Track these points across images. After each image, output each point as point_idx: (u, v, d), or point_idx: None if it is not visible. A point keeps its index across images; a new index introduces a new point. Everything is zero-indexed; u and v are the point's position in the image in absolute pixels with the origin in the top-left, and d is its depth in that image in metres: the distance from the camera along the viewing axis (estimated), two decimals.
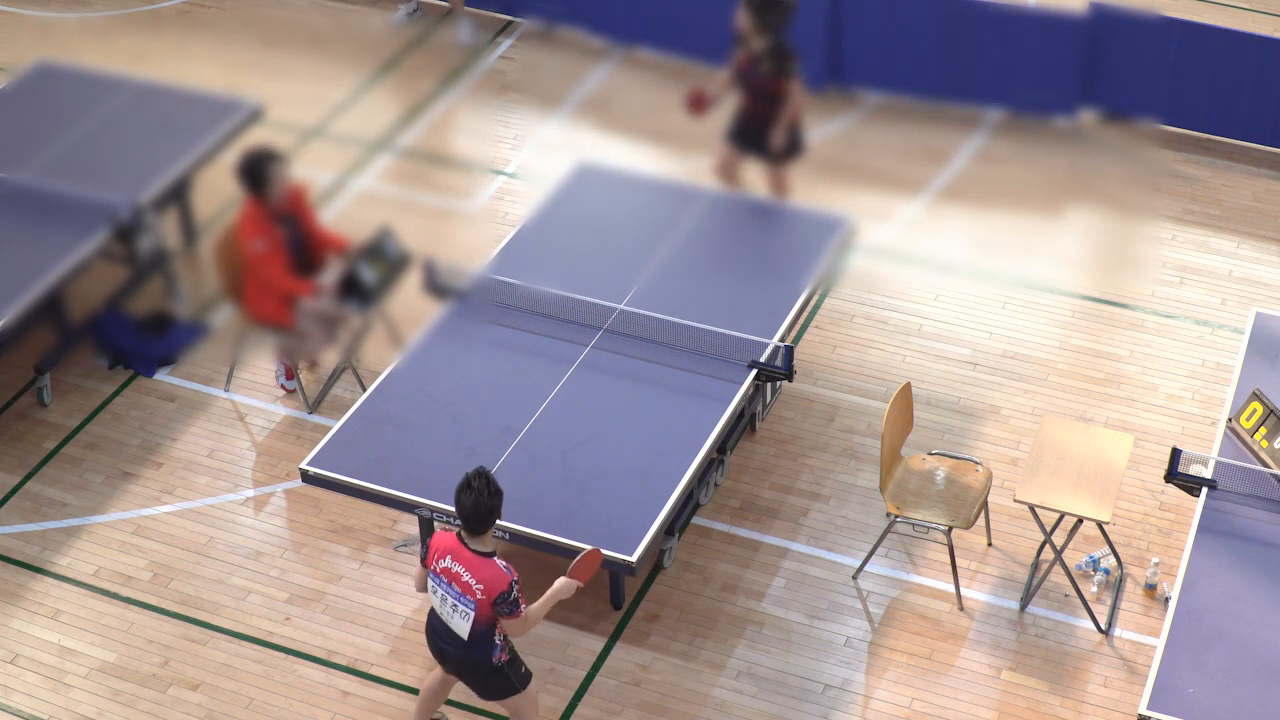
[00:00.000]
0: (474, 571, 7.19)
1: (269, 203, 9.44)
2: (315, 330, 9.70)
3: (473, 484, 7.15)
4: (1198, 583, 7.92)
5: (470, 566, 7.20)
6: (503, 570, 7.19)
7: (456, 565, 7.22)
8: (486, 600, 7.18)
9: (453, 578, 7.23)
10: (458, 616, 7.26)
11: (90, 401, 10.17)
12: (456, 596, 7.22)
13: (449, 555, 7.26)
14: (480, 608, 7.20)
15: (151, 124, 11.08)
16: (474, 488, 7.15)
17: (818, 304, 10.86)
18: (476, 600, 7.18)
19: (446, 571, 7.25)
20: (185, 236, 11.24)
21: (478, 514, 7.16)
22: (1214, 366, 10.35)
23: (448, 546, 7.29)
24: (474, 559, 7.20)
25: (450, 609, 7.28)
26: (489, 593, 7.17)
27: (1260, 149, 12.22)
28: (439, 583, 7.30)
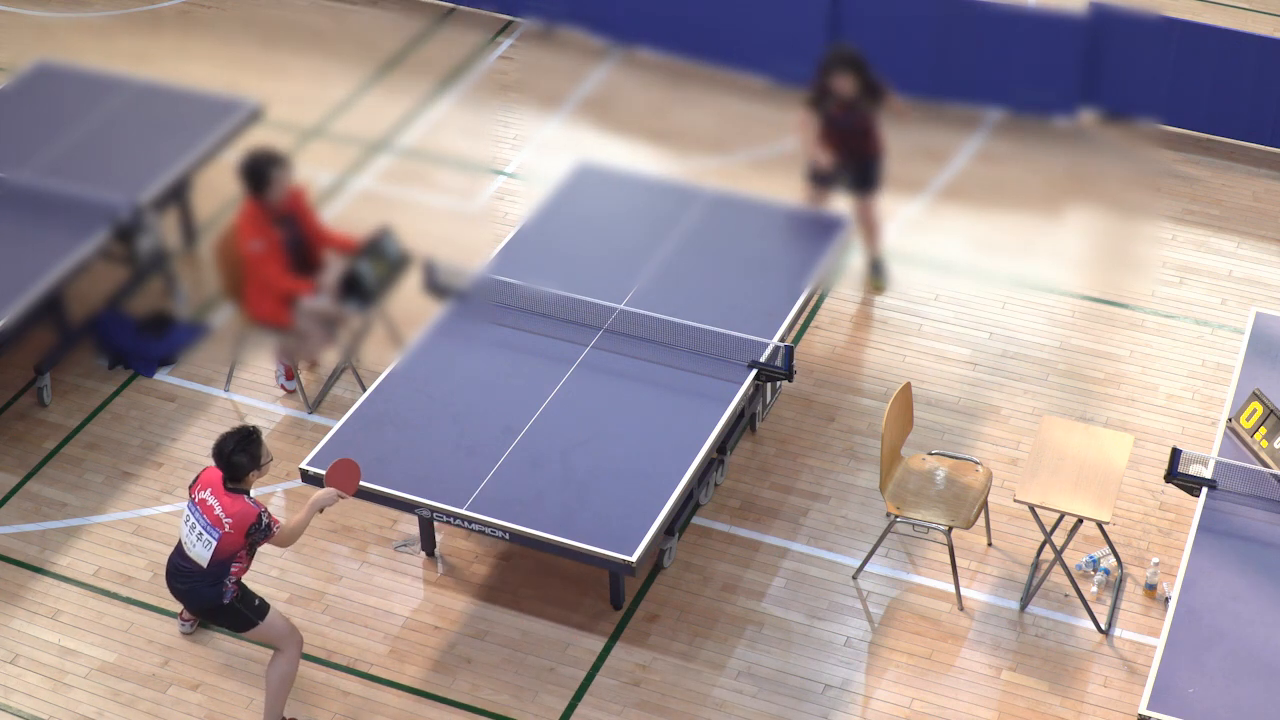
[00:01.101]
0: (225, 506, 7.75)
1: (268, 203, 9.45)
2: (315, 330, 9.71)
3: (228, 437, 7.77)
4: (1198, 583, 7.92)
5: (222, 501, 7.77)
6: (251, 505, 7.78)
7: (212, 498, 7.78)
8: (235, 533, 7.73)
9: (206, 509, 7.79)
10: (200, 545, 7.77)
11: (90, 401, 10.17)
12: (205, 526, 7.76)
13: (209, 489, 7.82)
14: (224, 539, 7.73)
15: (151, 124, 11.08)
16: (226, 440, 7.77)
17: (818, 304, 10.86)
18: (223, 531, 7.72)
19: (202, 504, 7.81)
20: (185, 236, 11.24)
21: (225, 465, 7.78)
22: (1214, 366, 10.35)
23: (210, 482, 7.85)
24: (226, 495, 7.78)
25: (196, 537, 7.79)
26: (237, 526, 7.72)
27: (1260, 149, 12.22)
28: (192, 511, 7.84)
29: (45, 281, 9.79)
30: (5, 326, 9.54)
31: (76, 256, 9.97)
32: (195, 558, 7.81)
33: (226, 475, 7.81)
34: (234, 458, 7.74)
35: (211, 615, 8.02)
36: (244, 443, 7.76)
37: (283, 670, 8.09)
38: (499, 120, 12.66)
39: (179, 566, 7.95)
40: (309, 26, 13.68)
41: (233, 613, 7.95)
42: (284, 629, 8.09)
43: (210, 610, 7.97)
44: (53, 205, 10.28)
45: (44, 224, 10.16)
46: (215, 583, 7.85)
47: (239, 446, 7.75)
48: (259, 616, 7.99)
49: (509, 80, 13.10)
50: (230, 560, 7.80)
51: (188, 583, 7.92)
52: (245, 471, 7.79)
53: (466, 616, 8.85)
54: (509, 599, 8.93)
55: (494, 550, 9.20)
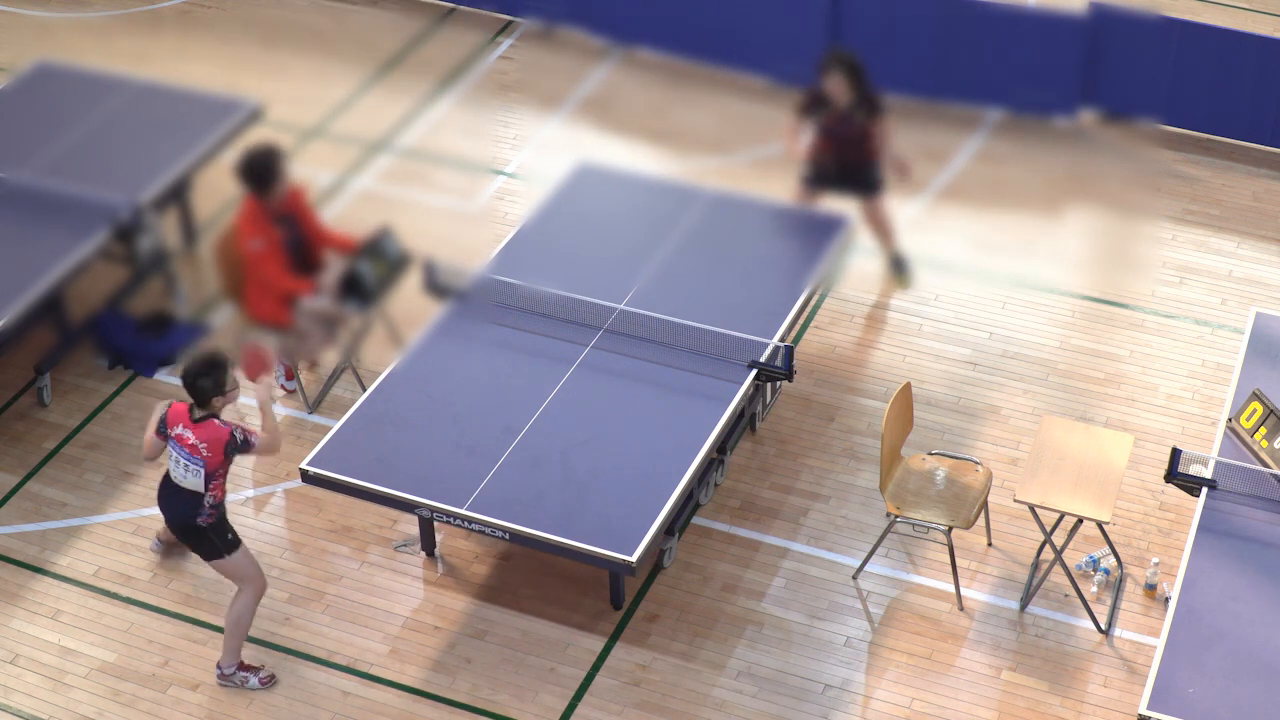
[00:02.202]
0: (197, 434, 7.96)
1: (268, 202, 9.45)
2: (315, 330, 9.71)
3: (191, 363, 7.99)
4: (1198, 583, 7.92)
5: (195, 430, 7.97)
6: (221, 426, 7.98)
7: (185, 431, 7.99)
8: (214, 455, 7.95)
9: (183, 442, 7.99)
10: (190, 475, 7.99)
11: (90, 401, 10.17)
12: (187, 458, 7.98)
13: (180, 424, 8.03)
14: (209, 463, 7.96)
15: (151, 124, 11.08)
16: (190, 366, 7.98)
17: (818, 304, 10.86)
18: (203, 457, 7.95)
19: (179, 438, 8.01)
20: (185, 236, 11.24)
21: (191, 391, 7.99)
22: (1214, 366, 10.35)
23: (179, 415, 8.05)
24: (196, 425, 7.98)
25: (184, 470, 8.00)
26: (214, 449, 7.95)
27: (1260, 149, 12.22)
28: (173, 447, 8.04)
29: (45, 281, 9.79)
30: (5, 326, 9.55)
31: (76, 256, 9.97)
32: (191, 488, 8.03)
33: (194, 401, 8.00)
34: (199, 381, 7.92)
35: (184, 534, 8.22)
36: (208, 368, 7.94)
37: (240, 608, 8.31)
38: (499, 120, 12.66)
39: (165, 483, 8.20)
40: (309, 26, 13.68)
41: (204, 538, 8.17)
42: (250, 569, 8.32)
43: (183, 529, 8.19)
44: (53, 205, 10.28)
45: (44, 224, 10.16)
46: (193, 503, 8.08)
47: (203, 372, 7.93)
48: (227, 550, 8.21)
49: (509, 80, 13.10)
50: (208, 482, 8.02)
51: (167, 499, 8.20)
52: (209, 396, 7.96)
53: (466, 616, 8.85)
54: (509, 599, 8.93)
55: (494, 550, 9.21)
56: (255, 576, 8.34)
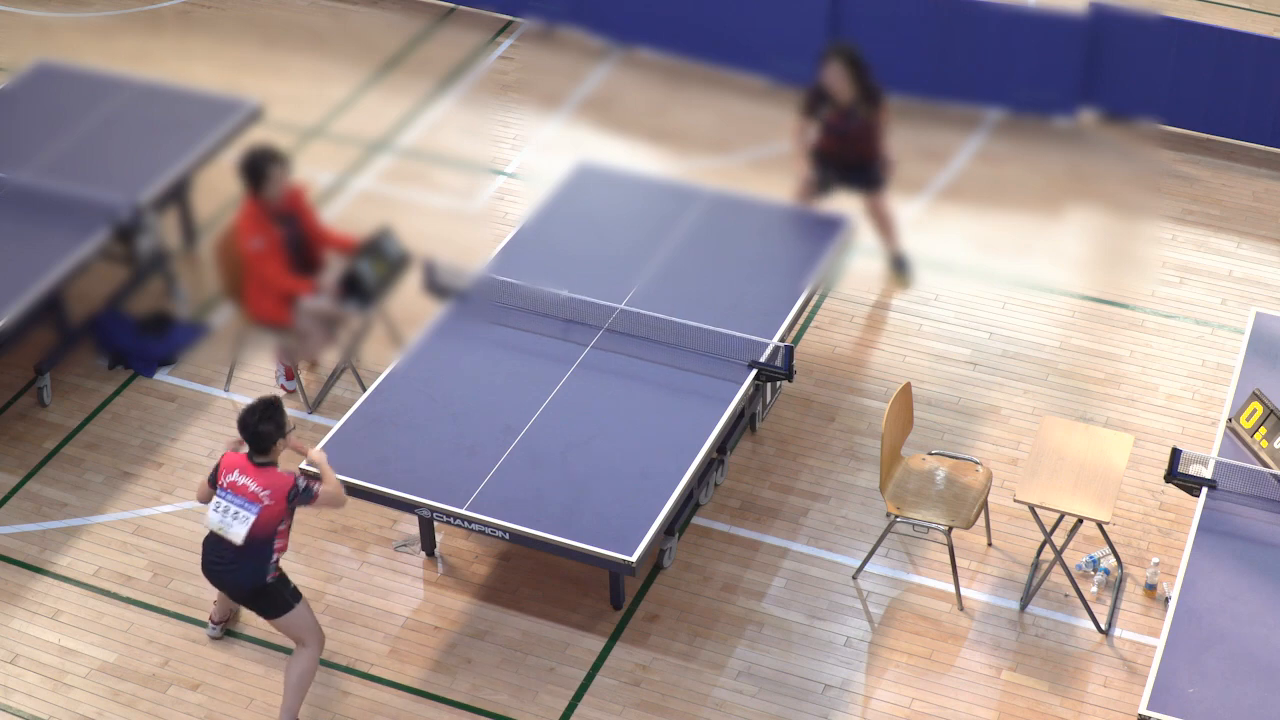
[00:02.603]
0: (259, 480, 7.82)
1: (267, 201, 9.45)
2: (315, 330, 9.71)
3: (252, 409, 7.82)
4: (1198, 583, 7.92)
5: (255, 477, 7.83)
6: (284, 474, 7.85)
7: (243, 478, 7.83)
8: (277, 503, 7.79)
9: (239, 490, 7.83)
10: (237, 523, 7.79)
11: (90, 401, 10.17)
12: (240, 504, 7.80)
13: (236, 470, 7.87)
14: (264, 513, 7.78)
15: (151, 124, 11.08)
16: (251, 413, 7.81)
17: (818, 304, 10.86)
18: (262, 505, 7.78)
19: (233, 485, 7.84)
20: (185, 236, 11.24)
21: (252, 438, 7.83)
22: (1214, 366, 10.35)
23: (235, 464, 7.90)
24: (258, 470, 7.84)
25: (231, 518, 7.79)
26: (277, 496, 7.80)
27: (1260, 149, 12.22)
28: (224, 495, 7.85)
29: (45, 281, 9.79)
30: (5, 326, 9.54)
31: (76, 256, 9.97)
32: (231, 537, 7.82)
33: (254, 448, 7.84)
34: (260, 428, 7.77)
35: (252, 596, 8.01)
36: (269, 411, 7.81)
37: (303, 667, 8.13)
38: (499, 120, 12.66)
39: (219, 552, 7.95)
40: (309, 26, 13.68)
41: (273, 594, 8.00)
42: (312, 623, 8.15)
43: (252, 590, 7.98)
44: (53, 205, 10.28)
45: (44, 224, 10.16)
46: (260, 560, 7.89)
47: (264, 416, 7.79)
48: (295, 601, 8.05)
49: (509, 80, 13.10)
50: (273, 535, 7.85)
51: (231, 565, 7.93)
52: (272, 441, 7.82)
53: (466, 616, 8.85)
54: (509, 599, 8.93)
55: (494, 550, 9.21)
56: (317, 630, 8.17)
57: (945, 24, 12.40)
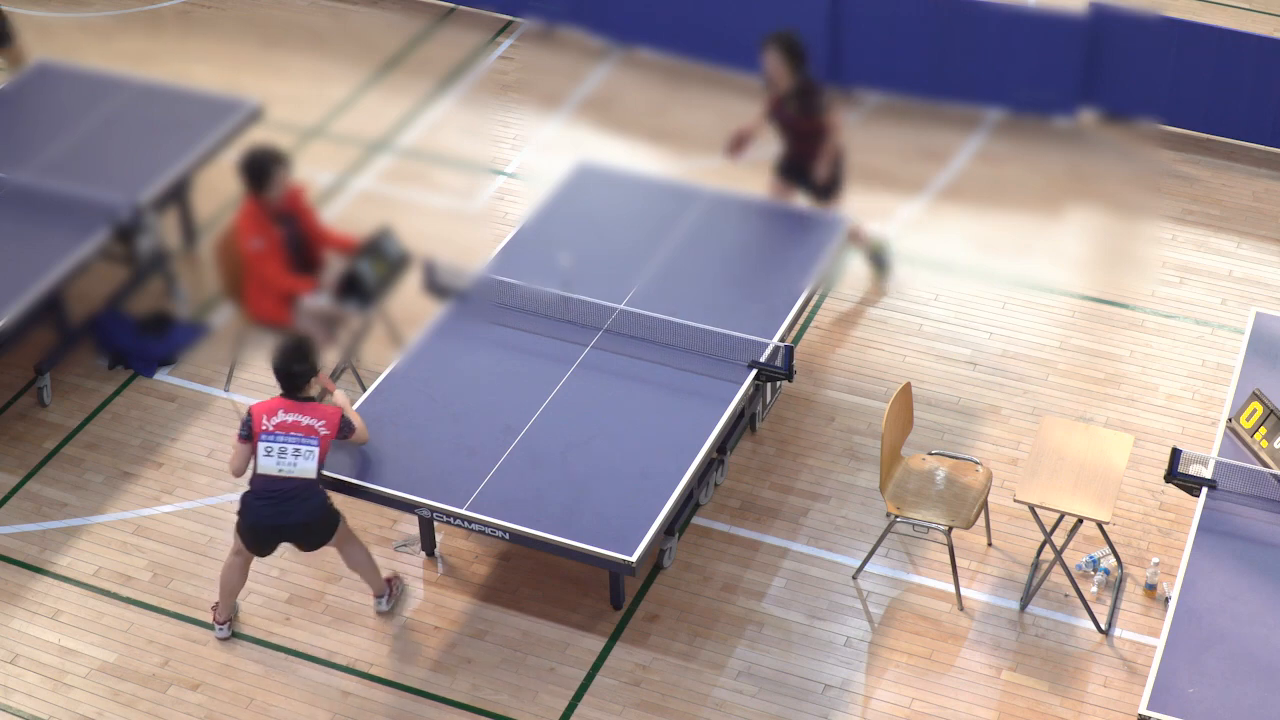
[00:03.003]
0: (311, 414, 7.97)
1: (268, 201, 9.45)
2: (315, 330, 9.70)
3: (282, 352, 8.02)
4: (1198, 583, 7.92)
5: (305, 411, 7.98)
6: (330, 406, 8.10)
7: (291, 416, 7.92)
8: (330, 434, 8.02)
9: (291, 427, 7.92)
10: (302, 459, 7.92)
11: (90, 401, 10.17)
12: (298, 441, 7.91)
13: (279, 411, 7.95)
14: (323, 443, 8.00)
15: (151, 124, 11.08)
16: (283, 354, 8.02)
17: (818, 304, 10.86)
18: (320, 436, 7.97)
19: (282, 425, 7.92)
20: (185, 236, 11.24)
21: (288, 377, 8.00)
22: (1214, 366, 10.35)
23: (275, 407, 7.98)
24: (304, 405, 7.99)
25: (294, 456, 7.91)
26: (331, 425, 8.01)
27: (1260, 149, 12.22)
28: (275, 439, 7.92)
29: (45, 281, 9.79)
30: (5, 326, 9.54)
31: (76, 256, 9.97)
32: (302, 473, 7.97)
33: (291, 388, 8.02)
34: (295, 367, 7.97)
35: (319, 529, 8.22)
36: (301, 350, 8.01)
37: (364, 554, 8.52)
38: (499, 120, 12.66)
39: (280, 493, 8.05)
40: (309, 26, 13.68)
41: (331, 514, 8.28)
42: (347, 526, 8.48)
43: (320, 522, 8.20)
44: (53, 205, 10.28)
45: (44, 224, 10.16)
46: (318, 490, 8.13)
47: (298, 356, 8.00)
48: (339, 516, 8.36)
49: (509, 80, 13.10)
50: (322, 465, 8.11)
51: (296, 503, 8.07)
52: (307, 379, 8.03)
53: (466, 616, 8.85)
54: (509, 599, 8.93)
55: (494, 550, 9.21)
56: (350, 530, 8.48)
57: (945, 24, 12.40)
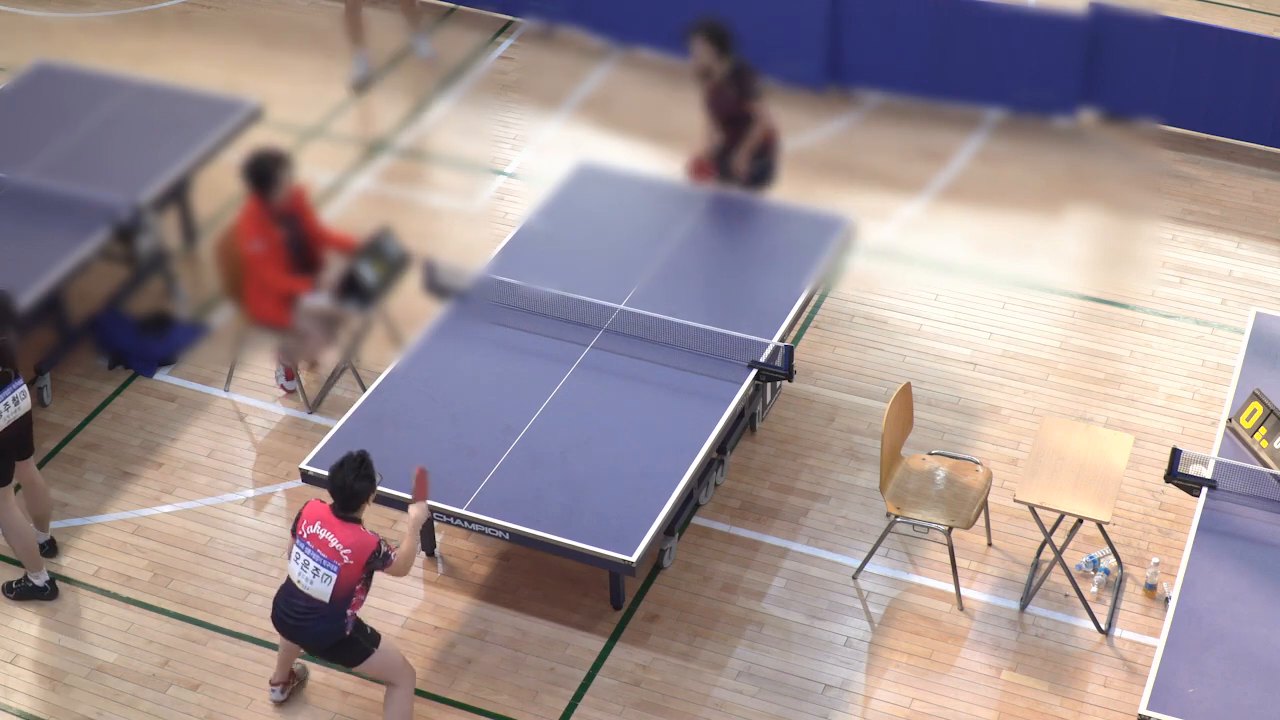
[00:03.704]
0: (341, 537, 7.54)
1: (270, 203, 9.45)
2: (315, 330, 9.71)
3: (345, 464, 7.56)
4: (1198, 583, 7.92)
5: (337, 532, 7.54)
6: (368, 534, 7.59)
7: (324, 531, 7.55)
8: (355, 565, 7.53)
9: (319, 544, 7.55)
10: (319, 581, 7.56)
11: (90, 401, 10.17)
12: (320, 561, 7.54)
13: (318, 522, 7.59)
14: (344, 571, 7.52)
15: (151, 124, 11.08)
16: (344, 468, 7.55)
17: (818, 304, 10.86)
18: (341, 564, 7.52)
19: (314, 538, 7.57)
20: (185, 236, 11.24)
21: (343, 493, 7.55)
22: (1214, 366, 10.35)
23: (318, 515, 7.61)
24: (341, 525, 7.56)
25: (312, 574, 7.57)
26: (357, 557, 7.53)
27: (1260, 149, 12.22)
28: (304, 548, 7.59)
29: (45, 281, 9.79)
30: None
31: (76, 256, 9.97)
32: (315, 595, 7.58)
33: (342, 504, 7.55)
34: (357, 485, 7.49)
35: (331, 650, 7.77)
36: (363, 468, 7.52)
37: (401, 707, 7.91)
38: (499, 120, 12.66)
39: (292, 605, 7.71)
40: (309, 26, 13.67)
41: (352, 645, 7.74)
42: (398, 660, 7.92)
43: (330, 646, 7.73)
44: (53, 205, 10.28)
45: (44, 224, 10.16)
46: (337, 617, 7.64)
47: (360, 473, 7.50)
48: (374, 645, 7.79)
49: (509, 80, 13.10)
50: (350, 594, 7.60)
51: (305, 620, 7.70)
52: (365, 498, 7.56)
53: (466, 616, 8.85)
54: (509, 599, 8.93)
55: (494, 550, 9.21)
56: (405, 667, 7.93)
57: (945, 24, 12.40)
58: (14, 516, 8.64)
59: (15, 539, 8.69)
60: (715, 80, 10.34)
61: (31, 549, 8.76)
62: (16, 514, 8.66)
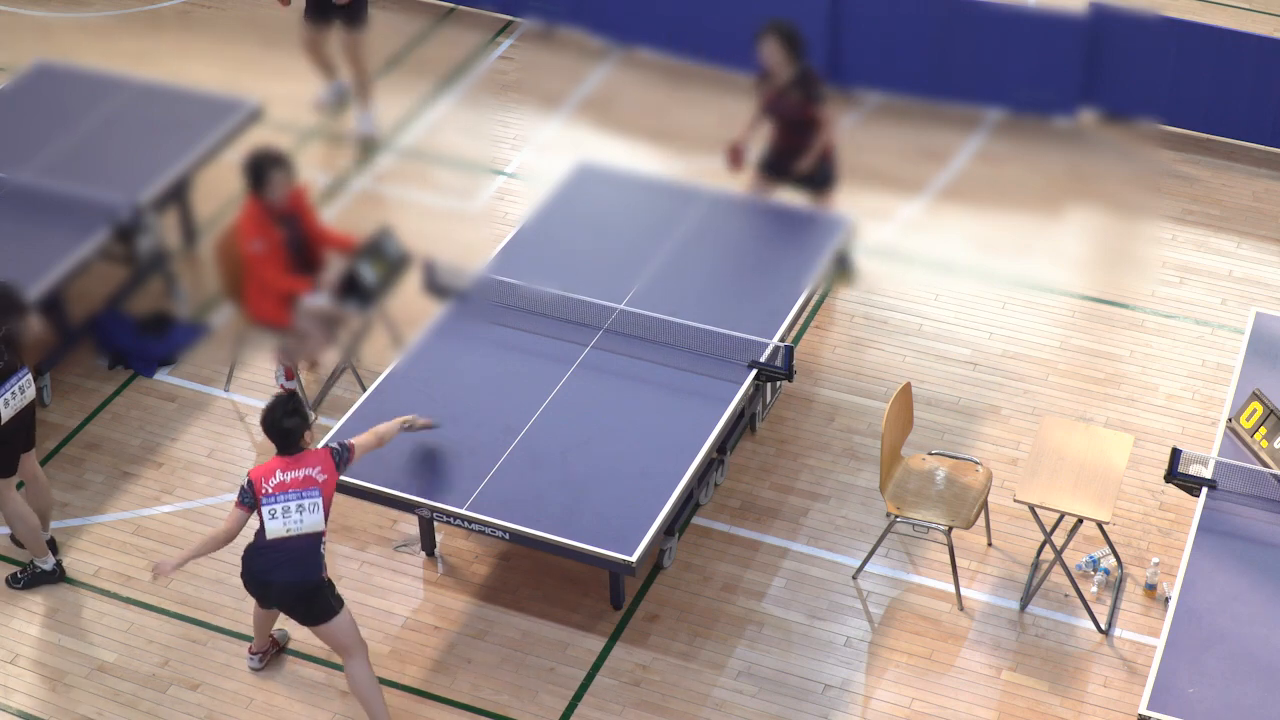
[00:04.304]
0: (304, 465, 7.68)
1: (270, 203, 9.45)
2: (315, 330, 9.70)
3: (274, 407, 7.70)
4: (1198, 583, 7.92)
5: (298, 464, 7.69)
6: (316, 450, 7.78)
7: (288, 474, 7.66)
8: (330, 476, 7.73)
9: (290, 485, 7.65)
10: (308, 514, 7.65)
11: (90, 401, 10.17)
12: (299, 496, 7.63)
13: (276, 471, 7.67)
14: (325, 488, 7.70)
15: (151, 124, 11.08)
16: (274, 410, 7.69)
17: (818, 304, 10.86)
18: (319, 485, 7.69)
19: (282, 485, 7.65)
20: (185, 236, 11.24)
21: (279, 435, 7.69)
22: (1214, 366, 10.35)
23: (271, 469, 7.68)
24: (295, 459, 7.70)
25: (298, 513, 7.64)
26: (327, 468, 7.74)
27: (1260, 149, 12.22)
28: (277, 500, 7.64)
29: (45, 281, 9.79)
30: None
31: (76, 256, 9.97)
32: (311, 529, 7.67)
33: (284, 446, 7.73)
34: (286, 423, 7.67)
35: (305, 596, 7.80)
36: (291, 405, 7.70)
37: (365, 675, 7.96)
38: (499, 120, 12.66)
39: (265, 556, 7.74)
40: None
41: (323, 596, 7.83)
42: (356, 632, 7.97)
43: (307, 588, 7.78)
44: (53, 205, 10.28)
45: (44, 224, 10.16)
46: (313, 552, 7.75)
47: (288, 411, 7.69)
48: (340, 606, 7.88)
49: (509, 80, 13.10)
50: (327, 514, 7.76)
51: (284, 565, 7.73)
52: (300, 434, 7.73)
53: (466, 616, 8.85)
54: (509, 599, 8.93)
55: (494, 550, 9.21)
56: (360, 639, 7.99)
57: (945, 24, 12.40)
58: (18, 503, 8.66)
59: (20, 524, 8.70)
60: (780, 83, 10.33)
61: (37, 534, 8.77)
62: (20, 500, 8.67)
